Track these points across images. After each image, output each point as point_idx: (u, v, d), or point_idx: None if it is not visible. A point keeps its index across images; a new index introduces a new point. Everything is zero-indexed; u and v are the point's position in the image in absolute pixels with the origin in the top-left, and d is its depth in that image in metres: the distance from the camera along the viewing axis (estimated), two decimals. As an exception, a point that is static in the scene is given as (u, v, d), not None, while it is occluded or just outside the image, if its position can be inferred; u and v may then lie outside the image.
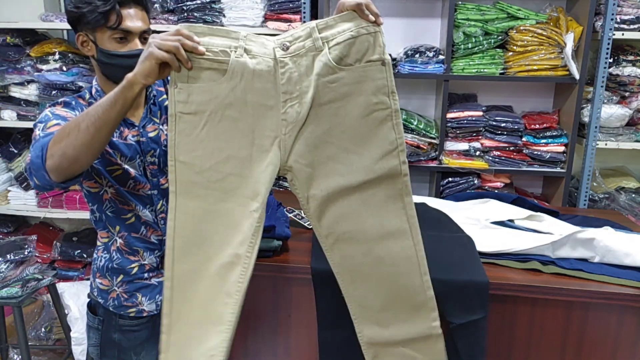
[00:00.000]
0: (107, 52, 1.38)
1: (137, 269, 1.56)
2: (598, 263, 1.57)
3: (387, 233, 1.23)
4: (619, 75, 2.48)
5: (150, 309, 1.60)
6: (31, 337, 2.89)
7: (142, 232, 1.55)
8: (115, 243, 1.53)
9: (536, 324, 1.54)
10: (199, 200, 1.15)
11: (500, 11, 2.47)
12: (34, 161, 1.16)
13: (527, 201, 2.03)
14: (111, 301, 1.56)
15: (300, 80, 1.13)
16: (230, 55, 1.13)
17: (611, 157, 2.82)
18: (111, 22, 1.35)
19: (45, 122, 1.31)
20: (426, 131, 2.56)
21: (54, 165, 1.15)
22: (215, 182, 1.15)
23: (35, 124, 1.33)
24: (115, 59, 1.38)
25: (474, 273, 1.49)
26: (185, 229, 1.17)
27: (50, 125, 1.28)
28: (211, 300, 1.19)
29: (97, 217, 1.52)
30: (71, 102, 1.42)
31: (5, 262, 2.60)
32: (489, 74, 2.48)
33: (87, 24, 1.37)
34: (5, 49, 2.81)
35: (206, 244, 1.18)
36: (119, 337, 1.58)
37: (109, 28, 1.36)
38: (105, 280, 1.56)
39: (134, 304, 1.57)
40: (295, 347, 1.66)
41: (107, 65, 1.40)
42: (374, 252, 1.23)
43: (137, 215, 1.52)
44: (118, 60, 1.38)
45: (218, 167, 1.14)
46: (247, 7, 2.52)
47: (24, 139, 3.02)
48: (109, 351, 1.59)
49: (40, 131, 1.28)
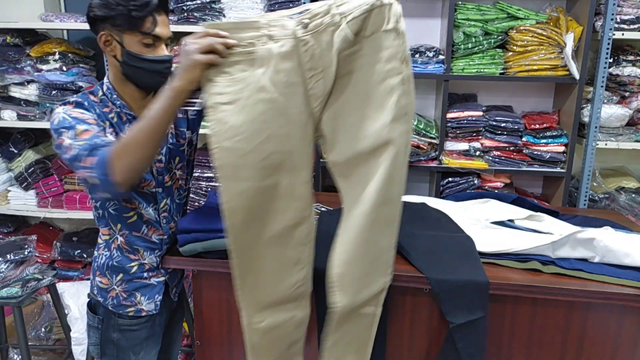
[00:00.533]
0: (136, 56, 1.39)
1: (137, 268, 1.56)
2: (598, 263, 1.57)
3: (387, 199, 1.25)
4: (619, 75, 2.48)
5: (149, 309, 1.60)
6: (31, 337, 2.89)
7: (144, 231, 1.55)
8: (116, 241, 1.54)
9: (536, 324, 1.54)
10: (248, 181, 1.21)
11: (500, 11, 2.48)
12: (100, 179, 1.23)
13: (527, 201, 2.03)
14: (110, 300, 1.56)
15: (322, 55, 1.18)
16: (256, 45, 1.19)
17: (611, 157, 2.82)
18: (145, 27, 1.37)
19: (70, 128, 1.32)
20: (426, 131, 2.56)
21: (125, 180, 1.24)
22: (260, 162, 1.20)
23: (56, 128, 1.33)
24: (143, 62, 1.40)
25: (474, 273, 1.49)
26: (241, 208, 1.23)
27: (80, 132, 1.30)
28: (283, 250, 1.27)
29: (99, 213, 1.53)
30: (83, 102, 1.42)
31: (5, 262, 2.60)
32: (489, 74, 2.48)
33: (117, 25, 1.37)
34: (5, 49, 2.81)
35: (265, 216, 1.25)
36: (117, 336, 1.58)
37: (141, 32, 1.37)
38: (105, 279, 1.56)
39: (133, 303, 1.57)
40: (295, 347, 1.66)
41: (132, 67, 1.41)
42: (374, 217, 1.24)
43: (139, 213, 1.52)
44: (146, 65, 1.40)
45: (260, 148, 1.20)
46: (247, 7, 2.52)
47: (24, 139, 3.02)
48: (108, 350, 1.60)
49: (71, 140, 1.29)
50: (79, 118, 1.35)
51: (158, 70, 1.42)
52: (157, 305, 1.61)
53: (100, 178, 1.23)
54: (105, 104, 1.47)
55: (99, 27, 1.40)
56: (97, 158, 1.24)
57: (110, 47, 1.41)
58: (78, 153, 1.27)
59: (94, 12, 1.39)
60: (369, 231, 1.24)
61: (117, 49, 1.40)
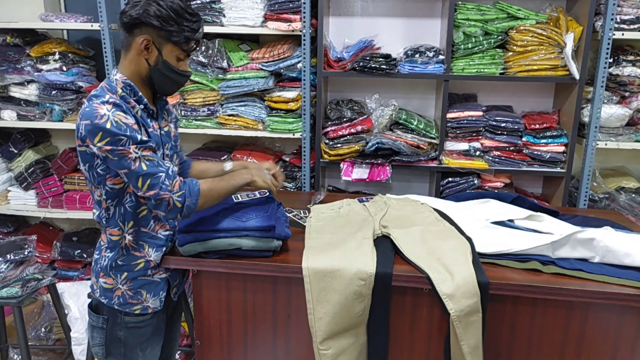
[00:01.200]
0: (170, 67, 1.52)
1: (143, 265, 1.58)
2: (598, 263, 1.57)
3: None
4: (619, 75, 2.48)
5: (155, 305, 1.61)
6: (31, 337, 2.89)
7: (151, 226, 1.58)
8: (124, 240, 1.56)
9: (536, 324, 1.54)
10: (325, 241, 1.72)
11: (500, 11, 2.47)
12: (187, 205, 1.49)
13: (527, 201, 2.03)
14: (116, 299, 1.57)
15: (380, 207, 1.92)
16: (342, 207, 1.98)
17: (611, 157, 2.82)
18: (190, 47, 1.53)
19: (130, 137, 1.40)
20: (426, 131, 2.56)
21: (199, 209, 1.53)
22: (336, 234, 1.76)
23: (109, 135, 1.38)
24: (173, 73, 1.53)
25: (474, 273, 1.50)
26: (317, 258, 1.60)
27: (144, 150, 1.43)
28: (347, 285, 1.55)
29: (110, 214, 1.54)
30: (120, 104, 1.45)
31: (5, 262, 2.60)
32: (489, 74, 2.48)
33: (165, 36, 1.46)
34: (5, 49, 2.81)
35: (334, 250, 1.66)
36: (125, 334, 1.59)
37: (182, 49, 1.51)
38: (110, 279, 1.57)
39: (139, 300, 1.58)
40: (295, 347, 1.67)
41: (162, 75, 1.52)
42: None
43: (150, 208, 1.55)
44: (174, 76, 1.54)
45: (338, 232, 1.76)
46: (247, 7, 2.52)
47: (24, 139, 3.02)
48: (115, 349, 1.60)
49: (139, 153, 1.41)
50: (129, 125, 1.41)
51: (180, 82, 1.58)
52: (162, 301, 1.63)
53: (188, 204, 1.48)
54: (127, 100, 1.49)
55: (142, 30, 1.46)
56: (188, 188, 1.48)
57: (147, 52, 1.48)
58: (154, 172, 1.43)
59: (147, 18, 1.43)
60: None
61: (153, 55, 1.49)
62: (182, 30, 1.46)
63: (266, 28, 2.55)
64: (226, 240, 1.59)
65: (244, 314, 1.67)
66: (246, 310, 1.67)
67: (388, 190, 2.80)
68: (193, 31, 1.49)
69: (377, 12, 2.76)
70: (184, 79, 1.59)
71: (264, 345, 1.68)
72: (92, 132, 1.38)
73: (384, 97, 2.64)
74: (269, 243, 1.61)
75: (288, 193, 2.54)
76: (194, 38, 1.51)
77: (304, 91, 2.56)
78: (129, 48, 1.49)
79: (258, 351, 1.69)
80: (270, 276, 1.62)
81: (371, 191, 2.83)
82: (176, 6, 1.44)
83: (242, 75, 2.60)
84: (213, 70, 2.60)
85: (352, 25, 2.77)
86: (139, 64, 1.50)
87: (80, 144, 1.44)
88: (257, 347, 1.69)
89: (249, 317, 1.67)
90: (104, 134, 1.38)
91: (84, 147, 1.43)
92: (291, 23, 2.50)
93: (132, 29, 1.47)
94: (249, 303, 1.66)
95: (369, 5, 2.76)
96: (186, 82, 1.62)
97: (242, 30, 2.57)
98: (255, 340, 1.69)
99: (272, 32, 2.55)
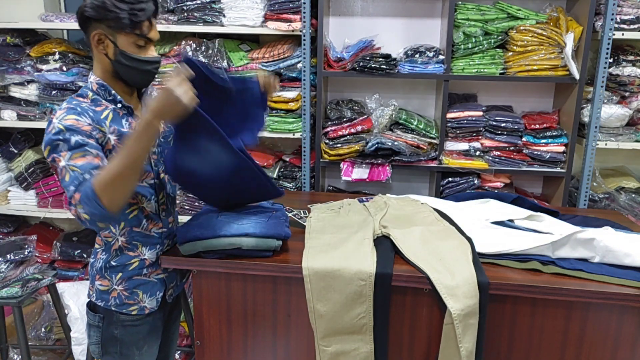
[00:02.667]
0: (130, 56, 1.44)
1: (137, 264, 1.57)
2: (598, 263, 1.57)
3: None
4: (619, 75, 2.48)
5: (152, 306, 1.61)
6: (31, 337, 2.89)
7: (144, 225, 1.57)
8: (117, 242, 1.55)
9: (536, 324, 1.54)
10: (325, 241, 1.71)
11: (500, 11, 2.48)
12: (91, 213, 1.26)
13: (527, 201, 2.03)
14: (112, 300, 1.57)
15: (380, 207, 1.92)
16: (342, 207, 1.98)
17: (611, 157, 2.82)
18: (142, 30, 1.43)
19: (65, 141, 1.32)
20: (426, 131, 2.56)
21: (116, 206, 1.29)
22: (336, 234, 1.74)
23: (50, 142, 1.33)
24: (135, 62, 1.46)
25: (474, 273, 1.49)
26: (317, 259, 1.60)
27: (76, 157, 1.31)
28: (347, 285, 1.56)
29: None
30: (75, 107, 1.41)
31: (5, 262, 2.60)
32: (489, 74, 2.48)
33: (113, 25, 1.41)
34: (5, 49, 2.81)
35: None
36: (120, 332, 1.59)
37: (136, 34, 1.43)
38: (105, 281, 1.57)
39: (135, 301, 1.58)
40: (295, 347, 1.67)
41: (124, 66, 1.46)
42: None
43: (141, 207, 1.55)
44: (138, 64, 1.47)
45: (338, 233, 1.74)
46: (247, 7, 2.52)
47: (24, 139, 3.02)
48: (111, 348, 1.60)
49: (66, 162, 1.30)
50: (74, 127, 1.35)
51: (148, 70, 1.49)
52: (159, 301, 1.62)
53: (92, 211, 1.26)
54: (98, 103, 1.47)
55: (92, 26, 1.43)
56: (82, 195, 1.26)
57: (102, 46, 1.45)
58: (68, 185, 1.29)
59: (88, 12, 1.41)
60: None
61: (109, 48, 1.44)
62: (128, 15, 1.39)
63: (266, 28, 2.55)
64: (226, 240, 1.59)
65: (244, 314, 1.67)
66: (246, 310, 1.67)
67: (388, 190, 2.80)
68: (138, 12, 1.40)
69: (377, 12, 2.76)
70: (152, 66, 1.49)
71: (264, 345, 1.68)
72: (43, 146, 1.37)
73: (384, 97, 2.64)
74: (269, 243, 1.61)
75: (288, 193, 2.54)
76: (142, 19, 1.41)
77: (304, 91, 2.56)
78: (91, 47, 1.47)
79: (258, 351, 1.69)
80: (270, 276, 1.62)
81: (371, 191, 2.83)
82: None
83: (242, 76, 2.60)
84: (213, 70, 2.60)
85: (352, 25, 2.77)
86: (103, 61, 1.47)
87: None
88: (257, 347, 1.69)
89: (249, 317, 1.67)
90: (45, 145, 1.35)
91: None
92: (291, 23, 2.50)
93: (85, 29, 1.45)
94: (249, 303, 1.66)
95: (369, 5, 2.76)
96: (157, 67, 1.51)
97: (242, 30, 2.57)
98: (255, 340, 1.69)
99: (272, 32, 2.55)
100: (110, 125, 1.45)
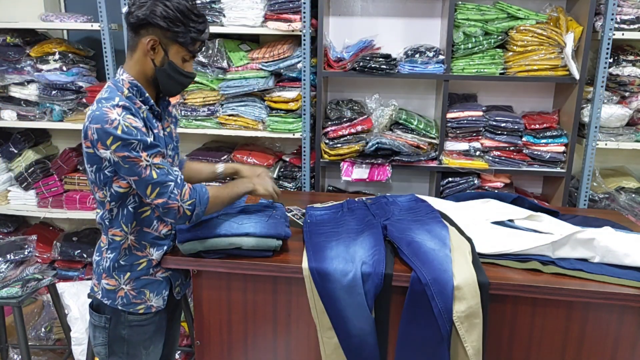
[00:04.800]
0: (175, 67, 1.52)
1: (145, 264, 1.58)
2: (598, 263, 1.57)
3: None
4: (619, 75, 2.48)
5: (159, 304, 1.62)
6: (31, 337, 2.89)
7: (154, 226, 1.58)
8: (127, 241, 1.56)
9: (536, 324, 1.54)
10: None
11: (500, 11, 2.47)
12: (197, 213, 1.53)
13: (527, 201, 2.03)
14: (119, 300, 1.57)
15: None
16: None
17: (611, 157, 2.81)
18: (194, 48, 1.53)
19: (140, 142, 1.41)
20: (426, 131, 2.56)
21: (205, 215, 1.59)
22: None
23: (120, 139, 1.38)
24: (178, 74, 1.54)
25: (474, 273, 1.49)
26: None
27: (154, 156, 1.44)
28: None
29: (113, 215, 1.54)
30: (130, 107, 1.45)
31: (5, 262, 2.60)
32: (489, 74, 2.48)
33: (173, 37, 1.46)
34: (5, 49, 2.81)
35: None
36: (128, 332, 1.59)
37: (188, 50, 1.52)
38: (112, 280, 1.57)
39: (143, 300, 1.59)
40: (295, 347, 1.67)
41: (167, 75, 1.53)
42: None
43: (152, 208, 1.56)
44: (179, 77, 1.55)
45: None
46: (247, 7, 2.52)
47: (24, 139, 3.02)
48: (118, 348, 1.60)
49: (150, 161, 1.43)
50: (139, 128, 1.42)
51: (184, 83, 1.59)
52: (165, 300, 1.63)
53: (197, 212, 1.52)
54: (133, 101, 1.49)
55: (150, 30, 1.46)
56: (198, 197, 1.52)
57: (153, 52, 1.48)
58: (164, 180, 1.45)
59: (155, 20, 1.43)
60: None
61: (159, 56, 1.50)
62: (188, 31, 1.47)
63: (266, 28, 2.55)
64: (226, 240, 1.59)
65: (244, 314, 1.67)
66: (246, 310, 1.67)
67: (388, 190, 2.80)
68: (199, 32, 1.50)
69: (377, 12, 2.76)
70: (189, 80, 1.59)
71: (264, 345, 1.68)
72: (103, 136, 1.39)
73: (384, 97, 2.64)
74: (269, 243, 1.61)
75: (288, 193, 2.54)
76: (200, 39, 1.51)
77: (304, 91, 2.56)
78: (135, 48, 1.49)
79: (258, 351, 1.69)
80: (270, 276, 1.62)
81: (371, 191, 2.83)
82: (183, 7, 1.44)
83: (242, 75, 2.61)
84: (213, 70, 2.60)
85: (352, 25, 2.77)
86: (145, 65, 1.51)
87: (89, 145, 1.44)
88: (257, 347, 1.69)
89: (249, 317, 1.67)
90: (114, 139, 1.38)
91: (92, 149, 1.43)
92: (291, 23, 2.50)
93: (139, 30, 1.47)
94: (249, 303, 1.66)
95: (369, 5, 2.76)
96: (190, 83, 1.62)
97: (242, 30, 2.57)
98: (255, 340, 1.69)
99: (272, 32, 2.55)
100: (143, 124, 1.49)
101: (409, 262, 1.53)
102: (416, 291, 1.47)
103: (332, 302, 1.52)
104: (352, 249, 1.60)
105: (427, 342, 1.48)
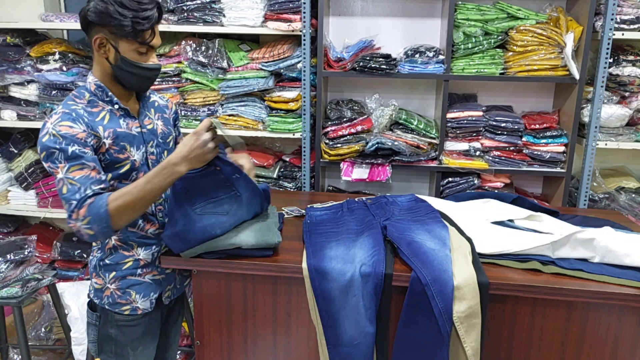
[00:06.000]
0: (130, 62, 1.45)
1: (131, 264, 1.57)
2: (598, 263, 1.57)
3: None
4: (619, 75, 2.48)
5: (145, 307, 1.60)
6: (31, 337, 2.89)
7: (140, 225, 1.57)
8: (111, 241, 1.55)
9: (536, 323, 1.54)
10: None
11: (500, 11, 2.47)
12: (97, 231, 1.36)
13: (527, 201, 2.03)
14: (106, 299, 1.57)
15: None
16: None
17: (611, 157, 2.82)
18: (145, 38, 1.44)
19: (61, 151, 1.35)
20: (426, 131, 2.56)
21: (120, 227, 1.41)
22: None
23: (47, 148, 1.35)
24: (136, 69, 1.47)
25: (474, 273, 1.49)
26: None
27: (74, 169, 1.36)
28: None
29: None
30: (71, 113, 1.41)
31: (5, 262, 2.60)
32: (489, 74, 2.48)
33: (116, 32, 1.40)
34: (5, 49, 2.81)
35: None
36: (115, 332, 1.59)
37: (138, 42, 1.43)
38: (99, 279, 1.57)
39: (128, 301, 1.58)
40: (295, 347, 1.67)
41: (125, 71, 1.46)
42: None
43: None
44: (138, 71, 1.47)
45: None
46: (247, 7, 2.52)
47: (24, 139, 3.02)
48: (107, 347, 1.60)
49: (64, 174, 1.35)
50: (68, 135, 1.36)
51: (148, 76, 1.51)
52: (153, 303, 1.62)
53: (98, 230, 1.36)
54: (94, 104, 1.48)
55: (95, 29, 1.43)
56: (92, 214, 1.34)
57: (103, 50, 1.45)
58: (69, 199, 1.35)
59: (91, 17, 1.40)
60: None
61: (111, 53, 1.45)
62: (130, 22, 1.38)
63: (266, 28, 2.55)
64: (226, 240, 1.59)
65: (244, 314, 1.67)
66: (246, 310, 1.67)
67: (388, 190, 2.80)
68: (142, 20, 1.40)
69: (377, 12, 2.76)
70: (153, 73, 1.51)
71: (264, 345, 1.68)
72: (39, 147, 1.39)
73: (384, 97, 2.64)
74: (269, 240, 1.60)
75: (288, 193, 2.54)
76: (145, 28, 1.41)
77: (304, 91, 2.56)
78: (92, 49, 1.47)
79: (258, 351, 1.69)
80: (270, 276, 1.62)
81: (371, 191, 2.83)
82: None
83: (242, 75, 2.61)
84: (213, 70, 2.60)
85: (352, 25, 2.77)
86: (103, 64, 1.47)
87: None
88: (257, 347, 1.69)
89: (249, 317, 1.67)
90: (41, 149, 1.38)
91: None
92: (291, 23, 2.50)
93: (87, 30, 1.45)
94: (249, 303, 1.66)
95: (369, 5, 2.76)
96: (157, 74, 1.54)
97: (242, 30, 2.57)
98: (255, 340, 1.69)
99: (272, 32, 2.55)
100: (106, 128, 1.46)
101: (409, 262, 1.53)
102: (416, 291, 1.47)
103: (327, 302, 1.51)
104: (352, 250, 1.60)
105: (426, 343, 1.48)
